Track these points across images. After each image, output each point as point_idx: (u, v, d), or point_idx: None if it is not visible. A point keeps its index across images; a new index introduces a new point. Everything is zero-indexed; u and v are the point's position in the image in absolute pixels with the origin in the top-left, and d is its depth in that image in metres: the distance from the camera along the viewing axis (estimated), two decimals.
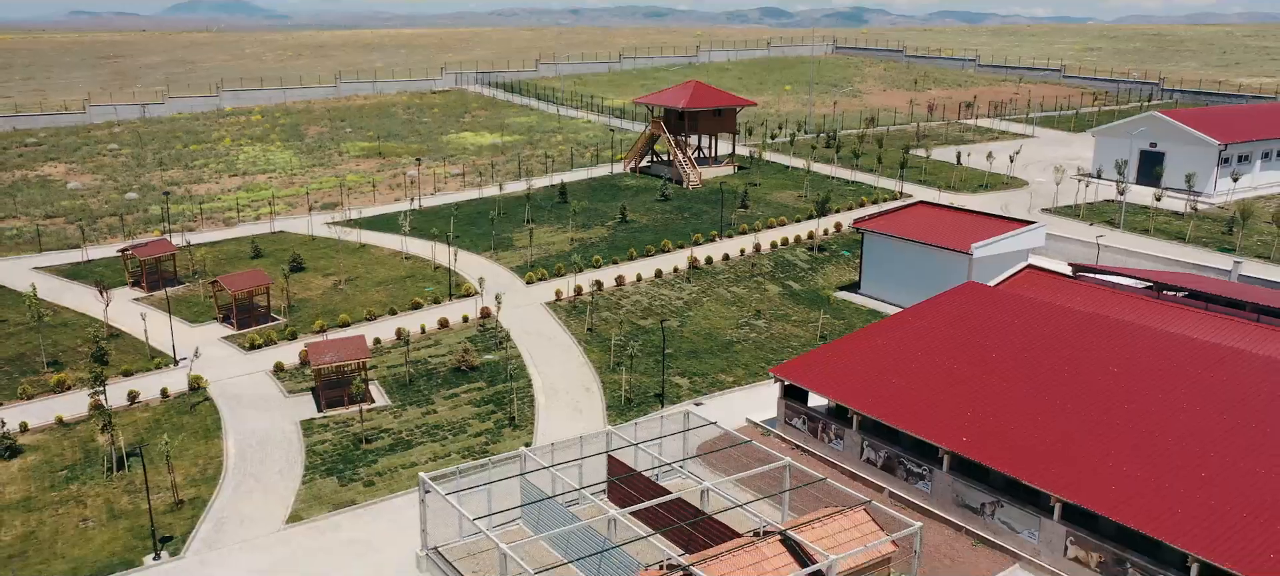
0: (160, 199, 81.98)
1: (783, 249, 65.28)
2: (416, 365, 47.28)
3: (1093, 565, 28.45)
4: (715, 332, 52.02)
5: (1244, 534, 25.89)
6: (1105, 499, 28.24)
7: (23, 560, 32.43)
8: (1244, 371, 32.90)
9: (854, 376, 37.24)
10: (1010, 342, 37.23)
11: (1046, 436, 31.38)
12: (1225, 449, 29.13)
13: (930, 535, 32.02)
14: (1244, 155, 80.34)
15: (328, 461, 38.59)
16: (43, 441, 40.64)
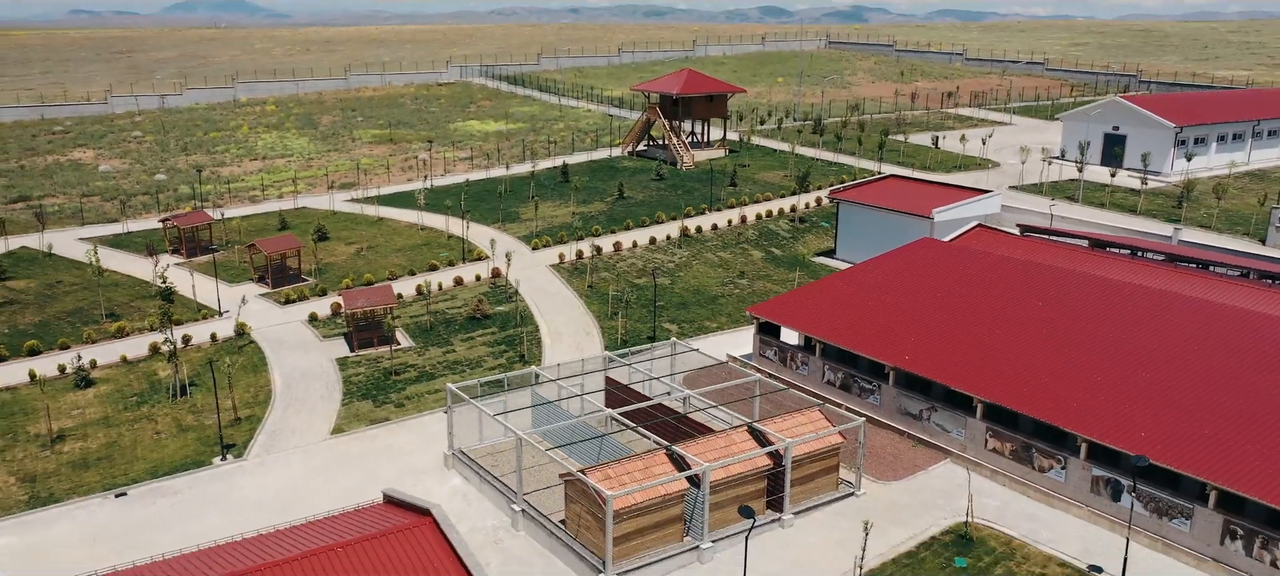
0: (187, 180, 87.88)
1: (767, 220, 71.12)
2: (436, 315, 53.15)
3: (1006, 453, 34.28)
4: (702, 289, 57.87)
5: (1124, 419, 31.67)
6: (1017, 398, 34.06)
7: (110, 462, 38.26)
8: (1146, 301, 38.74)
9: (819, 313, 43.05)
10: (953, 284, 43.06)
11: (975, 354, 37.20)
12: (1121, 360, 34.93)
13: (878, 439, 37.87)
14: (1200, 138, 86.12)
15: (362, 389, 44.43)
16: (112, 375, 46.47)
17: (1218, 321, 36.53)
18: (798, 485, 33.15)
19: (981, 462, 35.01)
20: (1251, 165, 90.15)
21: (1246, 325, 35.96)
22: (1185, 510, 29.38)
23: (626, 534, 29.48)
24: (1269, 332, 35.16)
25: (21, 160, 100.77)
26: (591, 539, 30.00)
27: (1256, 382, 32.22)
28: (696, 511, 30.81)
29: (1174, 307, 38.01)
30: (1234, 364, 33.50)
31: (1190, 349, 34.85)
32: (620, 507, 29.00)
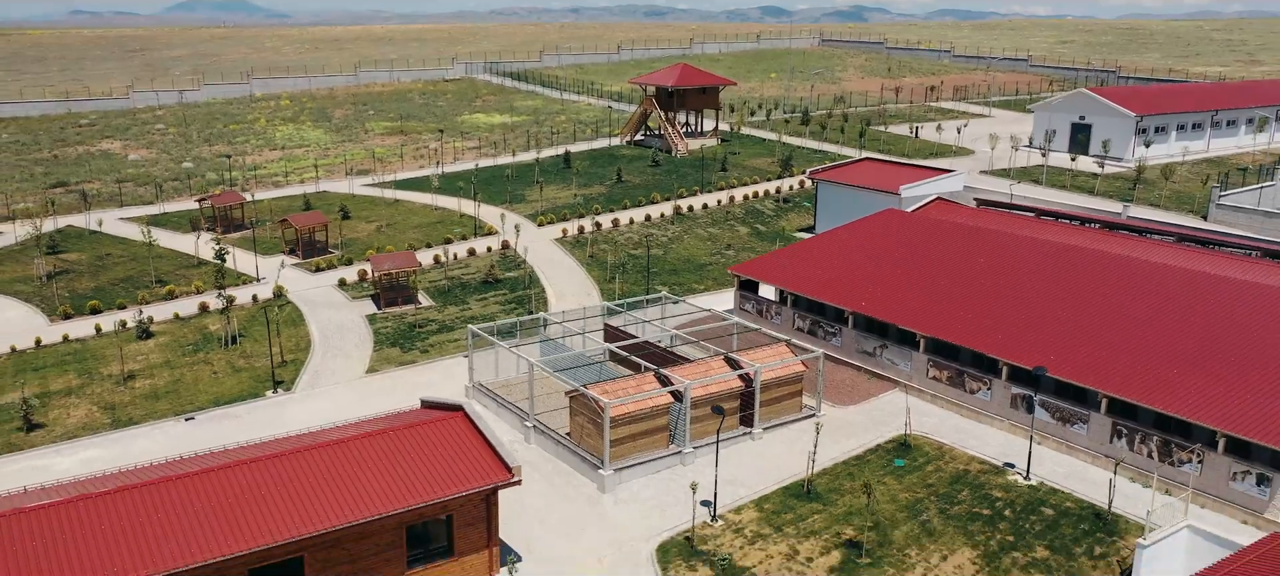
0: (214, 167, 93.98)
1: (753, 200, 77.25)
2: (453, 279, 59.29)
3: (944, 380, 40.37)
4: (692, 258, 63.99)
5: (1038, 346, 37.73)
6: (954, 333, 40.14)
7: (176, 394, 44.36)
8: (1070, 256, 44.84)
9: (792, 271, 49.14)
10: (909, 246, 49.16)
11: (923, 300, 43.28)
12: (1043, 302, 41.01)
13: (839, 374, 43.96)
14: (1160, 127, 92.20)
15: (390, 339, 50.55)
16: (168, 329, 52.58)
17: (1129, 271, 42.62)
18: (766, 405, 39.24)
19: (923, 389, 41.12)
20: (1210, 153, 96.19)
21: (1153, 274, 42.05)
22: (1083, 417, 35.47)
23: (621, 438, 35.57)
24: (1170, 279, 41.25)
25: (54, 150, 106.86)
26: (592, 444, 36.10)
27: (1149, 316, 38.30)
28: (680, 422, 36.90)
29: (1094, 261, 44.11)
30: (1134, 303, 39.60)
31: (1101, 292, 40.94)
32: (616, 414, 35.11)
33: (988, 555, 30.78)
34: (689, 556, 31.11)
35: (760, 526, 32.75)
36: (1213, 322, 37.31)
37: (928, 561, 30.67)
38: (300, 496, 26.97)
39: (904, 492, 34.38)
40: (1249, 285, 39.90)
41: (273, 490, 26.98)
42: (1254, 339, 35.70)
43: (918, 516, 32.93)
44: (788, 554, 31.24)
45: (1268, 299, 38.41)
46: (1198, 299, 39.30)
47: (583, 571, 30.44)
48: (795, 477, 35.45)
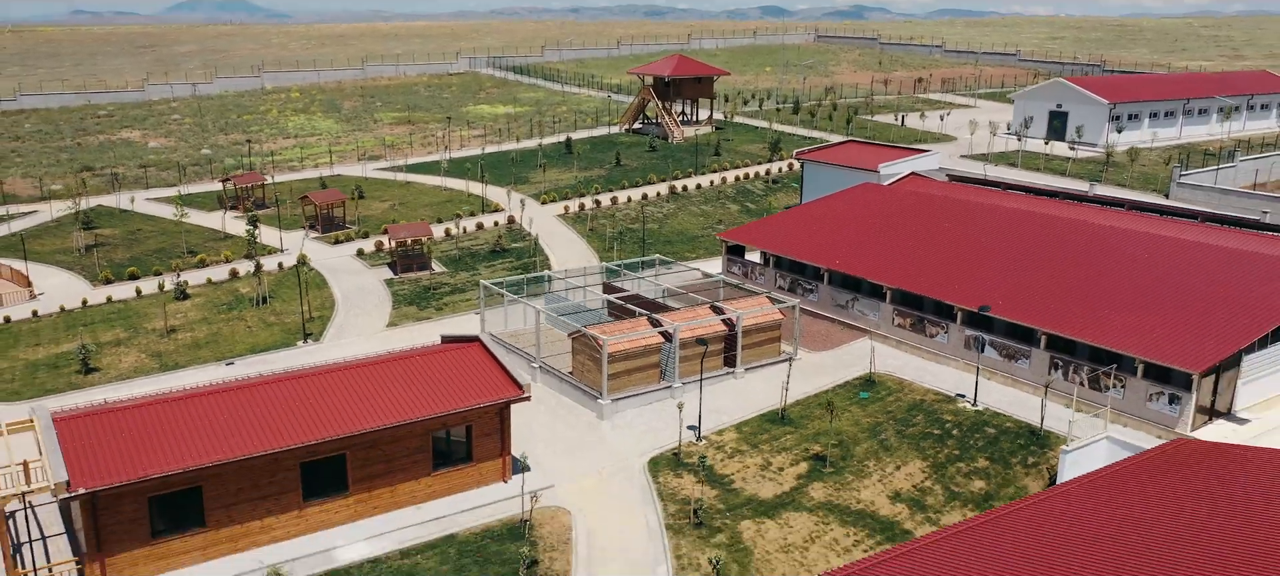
0: (231, 153, 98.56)
1: (744, 181, 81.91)
2: (463, 249, 63.93)
3: (908, 327, 45.00)
4: (685, 232, 68.64)
5: (988, 293, 42.33)
6: (917, 285, 44.76)
7: (216, 344, 48.99)
8: (1031, 223, 49.46)
9: (775, 236, 53.76)
10: (882, 213, 53.79)
11: (891, 258, 47.89)
12: (998, 258, 45.62)
13: (815, 326, 48.57)
14: (1133, 114, 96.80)
15: (407, 299, 55.19)
16: (202, 292, 57.20)
17: (1074, 231, 47.26)
18: (747, 349, 43.86)
19: (889, 336, 45.75)
20: (1182, 139, 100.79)
21: (1095, 233, 46.68)
22: (1026, 353, 40.11)
23: (617, 373, 40.19)
24: (1109, 237, 45.88)
25: (76, 138, 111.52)
26: (592, 379, 40.72)
27: (1088, 268, 42.93)
28: (670, 361, 41.52)
29: (1044, 223, 48.72)
30: (1076, 257, 44.23)
31: (1048, 249, 45.57)
32: (613, 351, 39.73)
33: (936, 465, 35.42)
34: (676, 467, 35.76)
35: (739, 444, 37.40)
36: (1143, 273, 41.92)
37: (883, 470, 35.32)
38: (342, 405, 31.61)
39: (866, 418, 39.02)
40: (1178, 241, 44.54)
41: (319, 399, 31.63)
42: (1177, 286, 40.30)
43: (877, 436, 37.57)
44: (762, 465, 35.89)
45: (1193, 252, 43.03)
46: (1131, 253, 43.91)
47: (584, 480, 35.07)
48: (772, 407, 40.08)
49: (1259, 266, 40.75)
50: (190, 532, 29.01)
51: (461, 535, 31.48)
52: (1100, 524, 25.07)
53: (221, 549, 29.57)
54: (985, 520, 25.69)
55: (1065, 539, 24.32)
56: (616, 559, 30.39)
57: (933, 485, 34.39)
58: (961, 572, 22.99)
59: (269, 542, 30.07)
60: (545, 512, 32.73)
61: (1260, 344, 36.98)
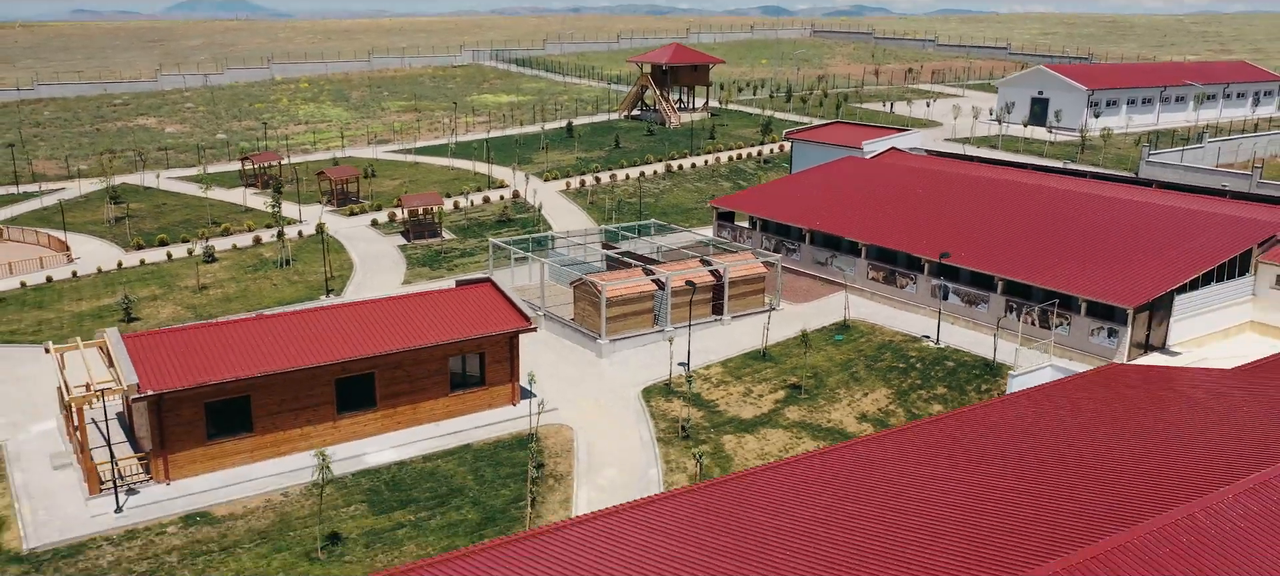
0: (246, 138, 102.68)
1: (737, 161, 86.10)
2: (471, 220, 68.11)
3: (880, 280, 49.19)
4: (680, 205, 72.82)
5: (953, 246, 46.50)
6: (889, 240, 48.95)
7: (245, 299, 53.17)
8: (995, 187, 53.64)
9: (762, 202, 57.94)
10: (861, 182, 57.97)
11: (867, 220, 52.06)
12: (964, 217, 49.79)
13: (796, 282, 52.75)
14: (1111, 100, 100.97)
15: (420, 261, 59.37)
16: (228, 255, 61.38)
17: (1033, 194, 51.44)
18: (734, 299, 48.03)
19: (864, 288, 49.94)
20: (1159, 125, 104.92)
21: (1052, 196, 50.85)
22: (985, 299, 44.28)
23: (614, 316, 44.37)
24: (1066, 199, 50.05)
25: (95, 125, 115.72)
26: (592, 322, 44.90)
27: (1043, 224, 47.11)
28: (662, 307, 45.69)
29: (1008, 188, 52.91)
30: (1033, 215, 48.40)
31: (1009, 208, 49.75)
32: (611, 295, 43.92)
33: (899, 392, 39.61)
34: (666, 394, 39.96)
35: (724, 377, 41.60)
36: (1092, 227, 46.10)
37: (852, 397, 39.52)
38: (371, 331, 35.81)
39: (840, 356, 43.21)
40: (1129, 202, 48.71)
41: (351, 326, 35.84)
42: (1123, 239, 44.47)
43: (848, 370, 41.76)
44: (743, 392, 40.09)
45: (1140, 211, 47.20)
46: (1084, 212, 48.08)
47: (584, 405, 39.24)
48: (754, 348, 44.26)
49: (1197, 222, 44.92)
50: (240, 436, 33.19)
51: (476, 444, 35.68)
52: (1039, 417, 29.11)
53: (266, 452, 33.75)
54: (938, 418, 29.80)
55: (1009, 428, 28.36)
56: (613, 463, 34.56)
57: (896, 408, 38.56)
58: (910, 457, 27.10)
59: (307, 448, 34.22)
60: (550, 428, 36.92)
61: (1192, 286, 41.13)
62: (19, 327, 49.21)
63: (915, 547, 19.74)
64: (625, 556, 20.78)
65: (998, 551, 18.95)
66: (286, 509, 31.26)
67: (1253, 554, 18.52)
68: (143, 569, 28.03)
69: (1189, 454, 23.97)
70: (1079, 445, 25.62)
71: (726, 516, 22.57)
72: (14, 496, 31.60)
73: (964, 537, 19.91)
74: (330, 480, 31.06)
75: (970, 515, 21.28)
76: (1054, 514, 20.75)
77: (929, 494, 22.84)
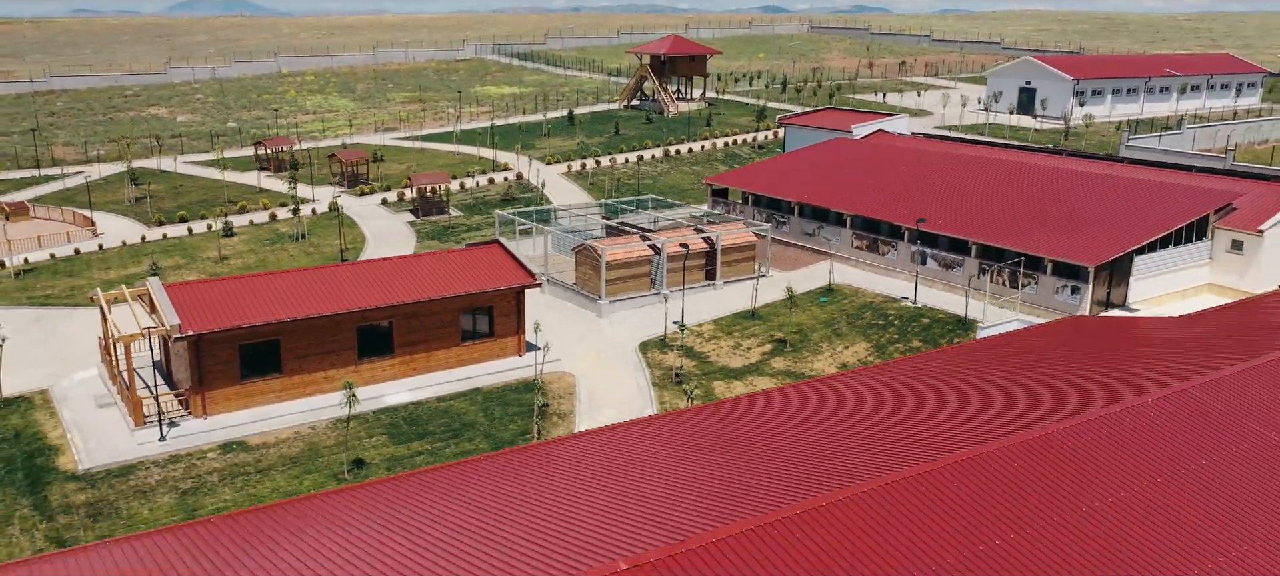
0: (256, 125, 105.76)
1: (733, 147, 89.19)
2: (476, 199, 71.18)
3: (864, 248, 52.26)
4: (677, 185, 75.91)
5: (932, 215, 49.56)
6: (873, 210, 52.02)
7: (263, 269, 56.20)
8: (973, 163, 56.73)
9: (754, 179, 61.01)
10: (848, 160, 61.05)
11: (852, 193, 55.12)
12: (944, 190, 52.84)
13: (785, 252, 55.81)
14: (1097, 90, 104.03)
15: (429, 235, 62.43)
16: (246, 231, 64.45)
17: (1009, 168, 54.51)
18: (726, 266, 51.09)
19: (849, 256, 53.02)
20: (1144, 114, 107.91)
21: (1026, 171, 53.92)
22: (960, 262, 47.35)
23: (613, 279, 47.43)
24: (1038, 173, 53.13)
25: (108, 114, 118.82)
26: (593, 285, 47.97)
27: (1016, 195, 50.18)
28: (659, 271, 48.74)
29: (985, 163, 55.97)
30: (1007, 187, 51.46)
31: (985, 181, 52.80)
32: (610, 259, 46.98)
33: (878, 345, 42.67)
34: (662, 347, 43.03)
35: (715, 333, 44.67)
36: (1062, 197, 49.15)
37: (834, 349, 42.58)
38: (389, 283, 38.89)
39: (824, 315, 46.28)
40: (1096, 175, 51.76)
41: (372, 279, 38.93)
42: (1089, 207, 47.52)
43: (831, 326, 44.84)
44: (733, 346, 43.16)
45: (1106, 183, 50.24)
46: (1055, 184, 51.14)
47: (586, 357, 42.29)
48: (745, 309, 47.34)
49: (1159, 192, 47.97)
50: (270, 377, 36.27)
51: (486, 388, 38.76)
52: (1004, 354, 32.12)
53: (294, 392, 36.82)
54: (907, 358, 32.82)
55: (974, 363, 31.35)
56: (612, 404, 37.62)
57: (874, 359, 41.61)
58: (875, 386, 30.13)
59: (331, 390, 37.25)
60: (553, 375, 40.00)
61: (1152, 248, 44.19)
62: (53, 293, 52.27)
63: (856, 440, 22.85)
64: (627, 453, 23.84)
65: (912, 444, 21.99)
66: (314, 439, 34.34)
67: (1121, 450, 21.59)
68: (187, 486, 31.11)
69: (1103, 375, 27.06)
70: (1018, 373, 28.69)
71: (710, 428, 25.62)
72: (65, 429, 34.68)
73: (896, 437, 22.98)
74: (354, 415, 34.18)
75: (904, 420, 24.37)
76: (972, 421, 23.82)
77: (879, 408, 25.91)
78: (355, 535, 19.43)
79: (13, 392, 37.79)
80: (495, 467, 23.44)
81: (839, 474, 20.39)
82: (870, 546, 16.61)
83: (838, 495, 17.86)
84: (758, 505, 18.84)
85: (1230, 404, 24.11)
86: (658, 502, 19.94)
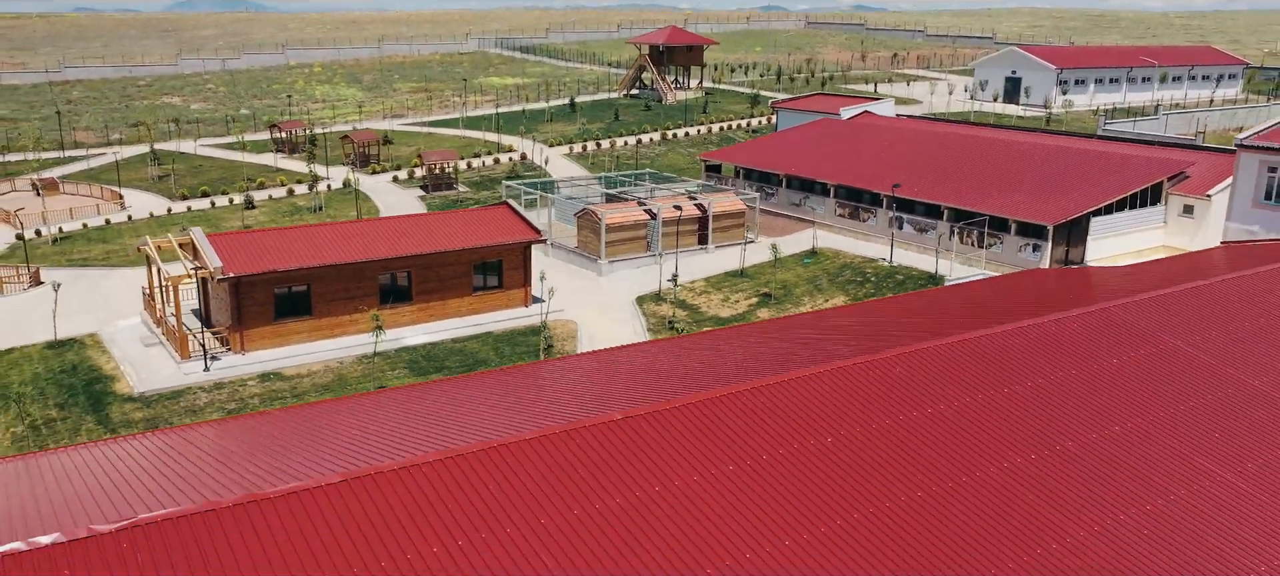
0: (268, 112, 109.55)
1: (728, 131, 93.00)
2: (484, 177, 74.97)
3: (846, 215, 56.08)
4: (674, 165, 79.70)
5: (908, 183, 53.35)
6: (848, 179, 55.82)
7: None
8: (949, 138, 60.55)
9: (746, 155, 64.81)
10: (835, 138, 64.88)
11: (836, 166, 58.92)
12: (920, 161, 56.67)
13: (774, 221, 59.62)
14: (1079, 80, 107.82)
15: (440, 208, 66.18)
16: (265, 204, 68.26)
17: (980, 143, 58.33)
18: (717, 231, 54.89)
19: (832, 224, 56.85)
20: (1127, 103, 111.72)
21: (995, 145, 57.72)
22: (933, 226, 51.17)
23: (613, 241, 51.22)
24: (1007, 146, 56.96)
25: (123, 102, 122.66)
26: (593, 247, 51.76)
27: (986, 164, 53.98)
28: (654, 235, 52.54)
29: (960, 138, 59.80)
30: (979, 158, 55.27)
31: (959, 154, 56.62)
32: (610, 222, 50.78)
33: (855, 299, 46.45)
34: (657, 301, 46.84)
35: (706, 288, 48.49)
36: (1029, 165, 52.95)
37: (815, 301, 46.38)
38: (409, 237, 42.69)
39: (806, 274, 50.09)
40: (1063, 148, 55.56)
41: (393, 233, 42.74)
42: (1054, 174, 51.32)
43: (813, 283, 48.65)
44: (722, 299, 46.98)
45: (1071, 155, 54.06)
46: (1024, 155, 54.94)
47: (587, 308, 46.09)
48: (734, 268, 51.15)
49: (1118, 161, 51.78)
50: (301, 319, 40.06)
51: (496, 332, 42.57)
52: (963, 292, 35.94)
53: (322, 333, 40.61)
54: (877, 300, 36.65)
55: (936, 300, 35.17)
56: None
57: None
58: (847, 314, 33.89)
59: (355, 332, 41.06)
60: (557, 322, 43.81)
61: (1109, 211, 47.98)
62: (90, 256, 56.10)
63: (829, 342, 26.67)
64: (623, 361, 27.65)
65: (875, 340, 25.81)
66: (342, 372, 38.15)
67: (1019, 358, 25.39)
68: (232, 407, 34.91)
69: (1043, 301, 30.90)
70: (971, 303, 32.52)
71: (696, 343, 29.44)
72: (117, 362, 38.50)
73: (862, 337, 26.80)
74: (377, 352, 37.99)
75: (872, 332, 28.18)
76: (926, 329, 27.63)
77: (849, 327, 29.75)
78: (394, 409, 23.28)
79: (65, 336, 41.57)
80: (506, 374, 27.25)
81: (815, 357, 24.25)
82: (836, 406, 20.44)
83: (809, 371, 21.68)
84: (735, 379, 22.70)
85: (1141, 318, 27.96)
86: (646, 383, 23.78)
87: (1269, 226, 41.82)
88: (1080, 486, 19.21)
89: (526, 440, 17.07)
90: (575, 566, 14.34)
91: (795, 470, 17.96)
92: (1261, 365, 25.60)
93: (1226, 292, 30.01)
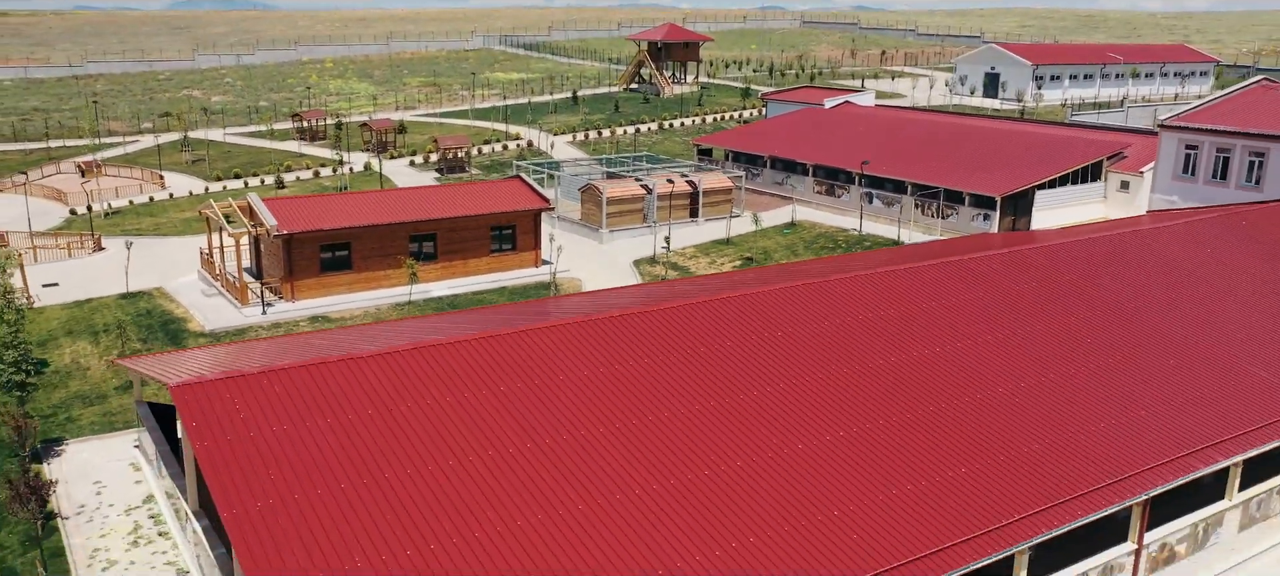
0: (287, 104, 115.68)
1: (721, 121, 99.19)
2: (493, 161, 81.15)
3: (823, 193, 62.24)
4: (670, 152, 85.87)
5: (878, 162, 59.49)
6: (825, 159, 61.99)
7: None
8: (918, 124, 66.69)
9: (735, 140, 71.01)
10: (816, 124, 71.08)
11: (815, 148, 65.09)
12: (891, 142, 62.81)
13: (759, 199, 65.79)
14: (1054, 74, 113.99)
15: None
16: (293, 185, 74.38)
17: (946, 128, 64.50)
18: (706, 206, 61.06)
19: (810, 200, 63.03)
20: (1100, 98, 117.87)
21: (960, 129, 63.91)
22: (899, 200, 57.35)
23: (613, 213, 57.38)
24: (971, 130, 63.13)
25: (147, 95, 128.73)
26: (595, 219, 57.93)
27: (949, 146, 60.17)
28: (650, 208, 58.70)
29: (928, 124, 65.95)
30: (941, 140, 61.45)
31: (927, 137, 62.79)
32: (610, 196, 56.95)
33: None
34: (652, 262, 53.04)
35: (695, 253, 54.67)
36: (986, 146, 59.13)
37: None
38: (435, 203, 48.84)
39: (785, 242, 56.27)
40: (1020, 131, 61.74)
41: (422, 200, 48.91)
42: (1008, 153, 57.48)
43: (791, 250, 54.83)
44: (710, 262, 53.17)
45: (1025, 138, 60.22)
46: (982, 137, 61.13)
47: (590, 268, 52.25)
48: (721, 237, 57.35)
49: (1065, 143, 57.96)
50: (343, 273, 46.24)
51: (510, 287, 48.75)
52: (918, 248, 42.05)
53: (360, 286, 46.77)
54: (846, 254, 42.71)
55: (894, 256, 41.33)
56: None
57: None
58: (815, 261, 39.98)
59: (389, 286, 47.19)
60: (564, 278, 50.00)
61: (1052, 185, 54.15)
62: (141, 227, 62.25)
63: (803, 273, 32.90)
64: (615, 295, 33.85)
65: (811, 280, 32.01)
66: (380, 316, 44.31)
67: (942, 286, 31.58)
68: None
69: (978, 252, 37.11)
70: (919, 253, 38.72)
71: (679, 282, 35.64)
72: (186, 307, 44.68)
73: (832, 268, 32.99)
74: (409, 302, 44.13)
75: (841, 266, 34.38)
76: (877, 263, 33.82)
77: (817, 267, 35.99)
78: (425, 325, 29.50)
79: (134, 289, 47.73)
80: (517, 306, 33.49)
81: (786, 276, 30.48)
82: (799, 315, 26.64)
83: (777, 287, 27.91)
84: (711, 293, 28.95)
85: (1051, 259, 34.20)
86: (636, 302, 29.98)
87: (1187, 197, 48.09)
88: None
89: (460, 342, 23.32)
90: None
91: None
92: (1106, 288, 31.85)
93: (1124, 242, 36.24)
